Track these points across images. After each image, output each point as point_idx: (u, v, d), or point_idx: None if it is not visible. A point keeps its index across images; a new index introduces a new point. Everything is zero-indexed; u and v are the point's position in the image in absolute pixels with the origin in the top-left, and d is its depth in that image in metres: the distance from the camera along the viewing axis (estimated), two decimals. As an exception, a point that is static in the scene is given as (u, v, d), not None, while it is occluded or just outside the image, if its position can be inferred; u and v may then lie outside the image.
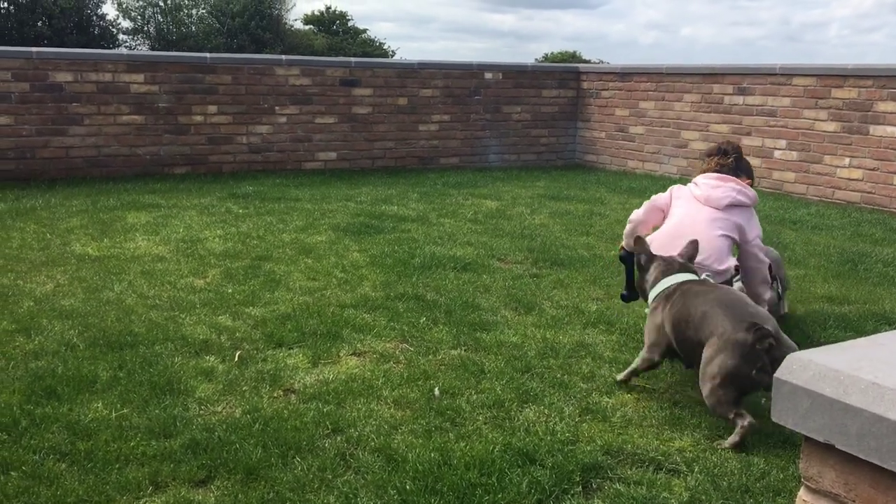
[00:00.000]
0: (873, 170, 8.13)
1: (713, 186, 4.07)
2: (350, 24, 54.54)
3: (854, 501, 1.15)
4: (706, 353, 3.08)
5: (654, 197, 4.26)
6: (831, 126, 8.49)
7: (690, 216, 4.02)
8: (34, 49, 8.68)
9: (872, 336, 1.32)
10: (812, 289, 5.13)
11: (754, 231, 4.09)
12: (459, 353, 3.86)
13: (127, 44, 43.93)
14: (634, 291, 4.01)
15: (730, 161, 4.26)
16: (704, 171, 4.25)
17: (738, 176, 4.21)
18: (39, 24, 37.81)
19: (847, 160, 8.37)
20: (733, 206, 4.03)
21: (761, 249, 4.10)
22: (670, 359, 3.48)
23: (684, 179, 9.87)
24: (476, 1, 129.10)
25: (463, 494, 2.57)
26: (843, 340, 2.14)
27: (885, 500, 1.11)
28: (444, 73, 10.57)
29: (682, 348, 3.29)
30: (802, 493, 1.23)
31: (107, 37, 41.76)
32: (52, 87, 8.52)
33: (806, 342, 4.10)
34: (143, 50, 41.43)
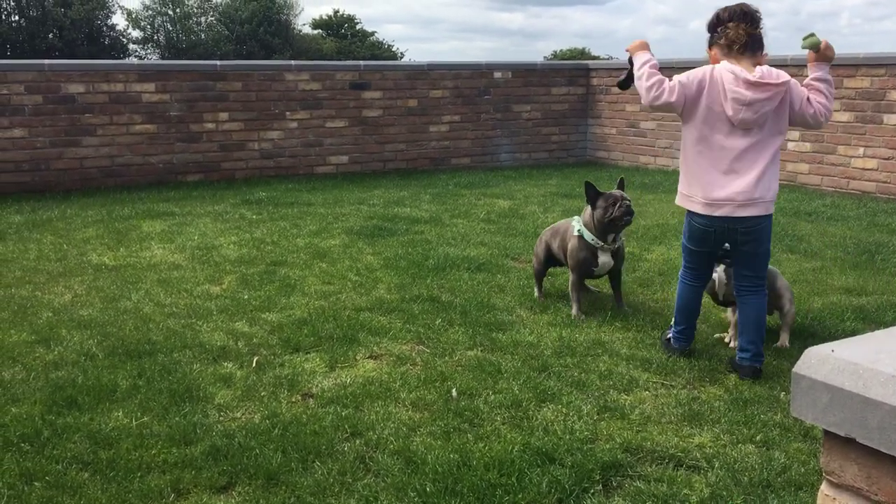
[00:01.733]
0: (888, 159, 8.07)
1: (745, 103, 3.40)
2: (358, 27, 54.74)
3: (877, 495, 1.14)
4: None
5: (681, 83, 3.58)
6: (844, 116, 8.44)
7: (730, 150, 3.47)
8: (46, 61, 8.76)
9: (891, 328, 1.31)
10: (829, 280, 5.09)
11: (799, 89, 3.51)
12: (476, 354, 3.86)
13: (137, 53, 44.25)
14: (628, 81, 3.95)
15: (760, 30, 3.52)
16: (731, 42, 3.51)
17: (760, 49, 3.53)
18: (50, 36, 38.14)
19: (861, 150, 8.31)
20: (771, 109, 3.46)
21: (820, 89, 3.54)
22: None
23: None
24: (484, 0, 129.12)
25: (483, 495, 2.57)
26: (861, 332, 2.13)
27: (908, 493, 1.11)
28: (453, 73, 10.57)
29: None
30: (824, 488, 1.22)
31: (117, 47, 42.09)
32: (64, 99, 8.59)
33: (824, 335, 4.08)
34: (154, 59, 41.70)
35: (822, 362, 1.17)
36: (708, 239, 3.64)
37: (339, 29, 53.88)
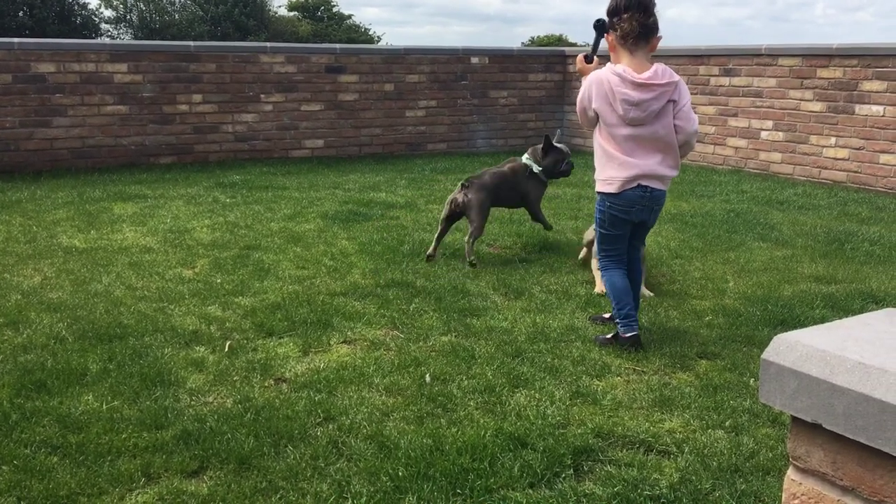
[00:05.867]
0: (859, 149, 8.17)
1: (633, 103, 3.54)
2: (335, 9, 54.24)
3: (842, 480, 1.16)
4: None
5: (581, 107, 3.76)
6: (817, 106, 8.52)
7: (630, 151, 3.65)
8: (15, 40, 8.59)
9: (859, 316, 1.33)
10: (799, 269, 5.16)
11: (686, 96, 3.65)
12: (450, 339, 3.86)
13: (109, 33, 43.55)
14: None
15: (652, 20, 3.55)
16: (625, 35, 3.54)
17: (654, 34, 3.59)
18: (21, 14, 37.41)
19: (833, 140, 8.40)
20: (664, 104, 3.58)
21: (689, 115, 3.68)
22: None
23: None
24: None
25: (455, 479, 2.58)
26: (830, 320, 2.16)
27: (871, 478, 1.12)
28: (430, 58, 10.52)
29: None
30: (791, 473, 1.24)
31: (89, 26, 41.37)
32: (34, 79, 8.44)
33: (793, 322, 4.13)
34: (126, 39, 41.08)
35: (790, 349, 1.18)
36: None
37: (316, 11, 53.37)
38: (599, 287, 4.58)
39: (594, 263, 4.65)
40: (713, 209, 6.99)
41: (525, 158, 5.45)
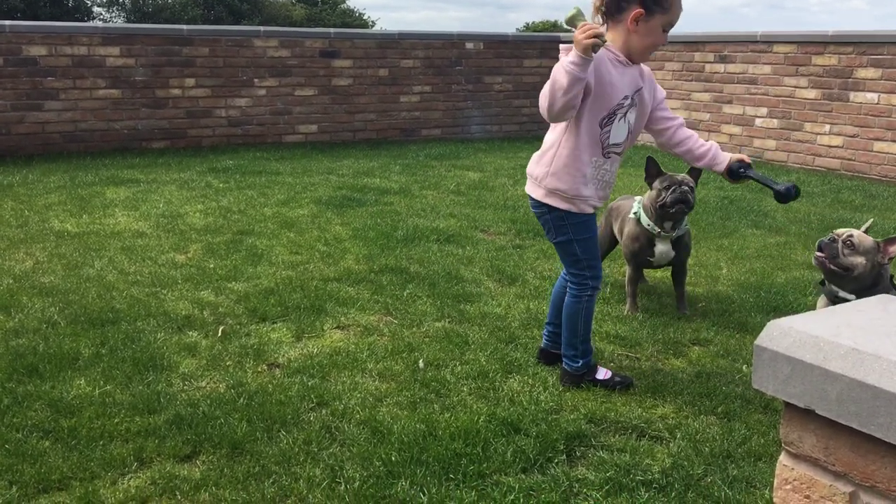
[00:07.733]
0: (853, 136, 8.18)
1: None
2: (329, -6, 53.85)
3: (834, 465, 1.16)
4: None
5: None
6: (812, 93, 8.52)
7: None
8: (7, 22, 8.52)
9: (852, 302, 1.33)
10: (793, 256, 5.17)
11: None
12: (443, 325, 3.86)
13: (102, 16, 43.23)
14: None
15: None
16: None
17: (620, 10, 2.97)
18: (11, -4, 37.09)
19: (827, 127, 8.41)
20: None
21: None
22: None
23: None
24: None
25: (448, 464, 2.58)
26: (823, 307, 2.15)
27: (864, 464, 1.13)
28: (424, 43, 10.47)
29: None
30: (783, 458, 1.24)
31: (81, 9, 41.06)
32: (26, 62, 8.38)
33: (787, 309, 4.14)
34: (119, 22, 40.77)
35: (784, 335, 1.18)
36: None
37: (310, -4, 53.03)
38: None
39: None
40: (707, 196, 6.99)
41: (637, 200, 4.09)
